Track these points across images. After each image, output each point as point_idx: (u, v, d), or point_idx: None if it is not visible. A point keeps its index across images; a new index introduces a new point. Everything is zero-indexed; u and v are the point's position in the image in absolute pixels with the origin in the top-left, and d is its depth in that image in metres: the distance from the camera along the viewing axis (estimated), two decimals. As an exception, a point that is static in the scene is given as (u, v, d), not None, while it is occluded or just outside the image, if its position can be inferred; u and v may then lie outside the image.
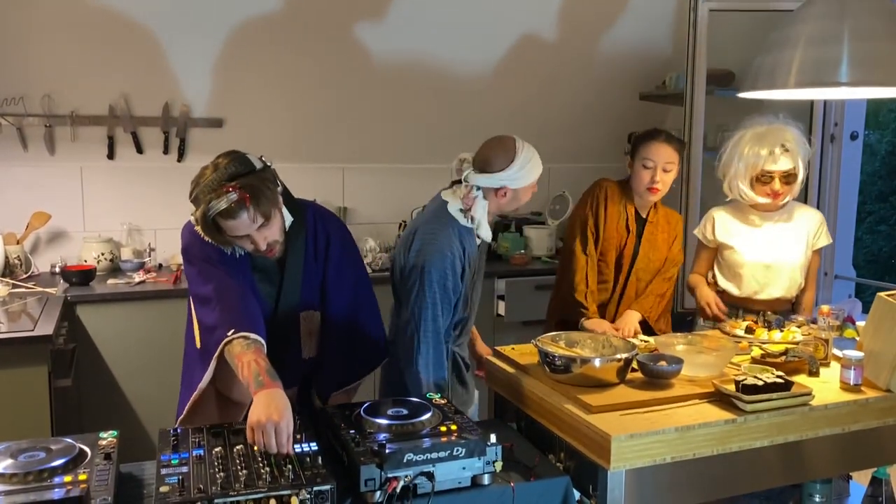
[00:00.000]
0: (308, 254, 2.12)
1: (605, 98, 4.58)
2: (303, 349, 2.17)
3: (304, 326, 2.15)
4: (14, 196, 3.68)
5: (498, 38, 4.39)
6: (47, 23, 3.66)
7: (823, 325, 2.24)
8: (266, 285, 2.10)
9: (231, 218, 1.87)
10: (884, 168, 11.99)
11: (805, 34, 2.28)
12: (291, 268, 2.10)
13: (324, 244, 2.14)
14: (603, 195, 2.84)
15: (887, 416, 1.98)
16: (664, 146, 2.72)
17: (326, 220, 2.18)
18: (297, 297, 2.12)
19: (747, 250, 2.79)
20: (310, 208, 2.17)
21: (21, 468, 1.53)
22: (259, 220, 1.91)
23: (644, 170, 2.73)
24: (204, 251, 2.00)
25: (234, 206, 1.86)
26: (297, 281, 2.11)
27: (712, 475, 1.84)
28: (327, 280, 2.14)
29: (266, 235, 1.95)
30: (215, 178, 1.88)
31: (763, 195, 2.72)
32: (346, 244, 2.20)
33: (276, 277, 2.10)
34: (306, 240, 2.12)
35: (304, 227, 2.12)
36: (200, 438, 1.71)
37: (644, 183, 2.74)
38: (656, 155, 2.71)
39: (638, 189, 2.79)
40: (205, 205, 1.88)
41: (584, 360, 1.95)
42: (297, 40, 4.04)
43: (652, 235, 2.85)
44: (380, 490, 1.57)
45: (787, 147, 2.66)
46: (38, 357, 2.64)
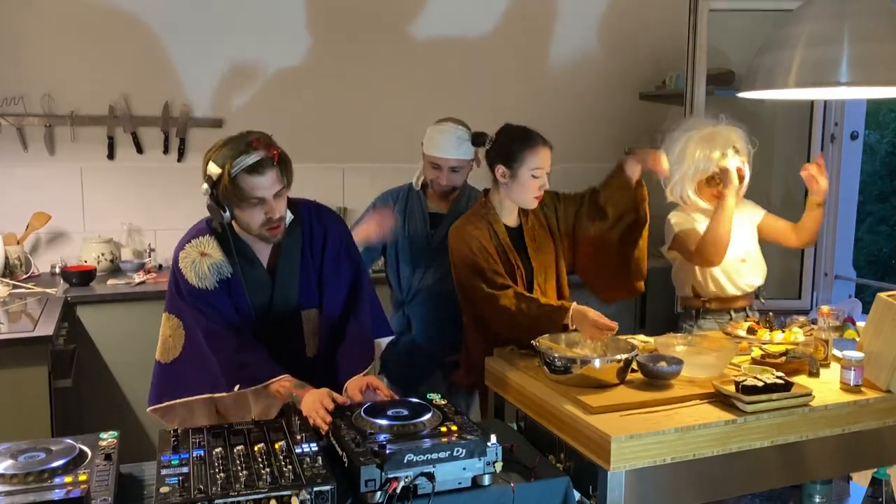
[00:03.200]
0: (304, 252, 2.12)
1: (605, 98, 4.58)
2: (307, 347, 2.16)
3: (307, 326, 2.14)
4: (14, 196, 3.68)
5: (498, 38, 4.39)
6: (47, 23, 3.66)
7: (823, 326, 2.24)
8: (258, 292, 2.09)
9: (258, 174, 1.90)
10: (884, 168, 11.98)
11: (805, 34, 2.28)
12: (287, 266, 2.11)
13: (320, 240, 2.14)
14: (477, 243, 2.42)
15: (887, 417, 1.98)
16: (546, 148, 2.45)
17: (323, 217, 2.18)
18: (294, 295, 2.12)
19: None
20: (306, 206, 2.18)
21: (21, 469, 1.53)
22: (280, 184, 1.95)
23: (533, 180, 2.43)
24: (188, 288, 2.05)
25: (263, 160, 1.90)
26: (295, 280, 2.11)
27: (712, 476, 1.84)
28: (323, 275, 2.14)
29: (280, 208, 1.98)
30: (242, 137, 1.94)
31: (710, 198, 2.77)
32: (343, 239, 2.20)
33: (268, 283, 2.10)
34: (303, 237, 2.12)
35: (301, 225, 2.13)
36: (201, 439, 1.71)
37: (532, 193, 2.45)
38: (545, 162, 2.44)
39: (524, 199, 2.47)
40: (232, 160, 1.90)
41: (584, 361, 1.95)
42: (298, 41, 4.04)
43: (535, 240, 2.54)
44: (380, 491, 1.57)
45: (738, 148, 2.72)
46: (39, 357, 2.64)
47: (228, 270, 2.06)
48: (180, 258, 2.07)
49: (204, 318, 2.04)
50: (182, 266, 2.06)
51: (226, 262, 2.06)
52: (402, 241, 2.77)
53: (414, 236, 2.76)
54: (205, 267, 2.05)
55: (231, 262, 2.06)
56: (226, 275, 2.06)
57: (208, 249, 2.06)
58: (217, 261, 2.05)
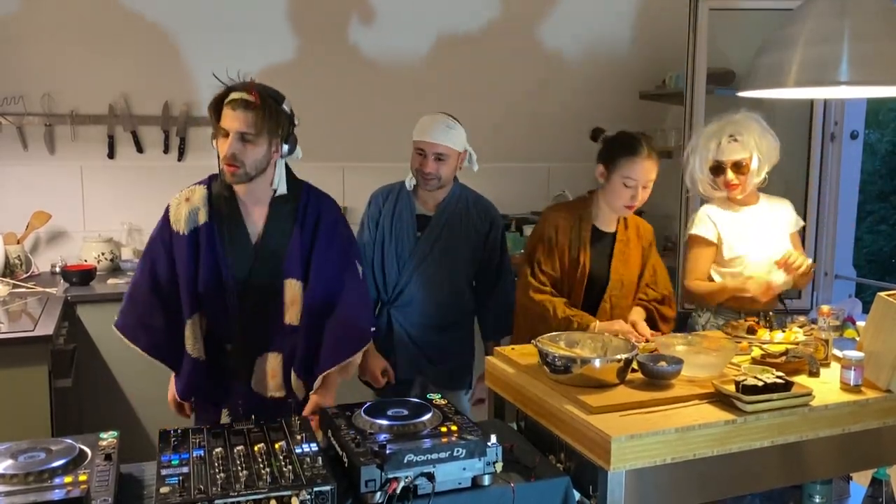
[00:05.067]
0: (296, 224, 2.17)
1: (605, 97, 4.58)
2: (286, 314, 2.18)
3: (288, 294, 2.17)
4: (14, 196, 3.68)
5: (498, 38, 4.39)
6: (47, 22, 3.66)
7: (823, 326, 2.24)
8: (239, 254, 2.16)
9: (233, 109, 2.03)
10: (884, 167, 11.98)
11: (805, 33, 2.28)
12: (276, 233, 2.16)
13: (313, 219, 2.19)
14: (553, 231, 2.56)
15: (887, 417, 1.98)
16: (647, 163, 2.47)
17: (320, 200, 2.24)
18: (279, 263, 2.16)
19: (742, 244, 2.78)
20: (307, 186, 2.25)
21: (21, 469, 1.53)
22: (251, 129, 2.03)
23: (624, 188, 2.48)
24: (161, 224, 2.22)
25: (244, 101, 2.03)
26: (282, 248, 2.16)
27: (712, 476, 1.84)
28: (313, 255, 2.17)
29: (242, 151, 2.05)
30: (250, 81, 2.10)
31: (721, 186, 2.77)
32: (337, 225, 2.22)
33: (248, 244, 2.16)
34: (296, 211, 2.18)
35: (297, 200, 2.19)
36: (201, 439, 1.71)
37: (623, 201, 2.51)
38: (640, 173, 2.47)
39: (613, 205, 2.55)
40: (226, 89, 2.07)
41: (584, 361, 1.95)
42: (298, 40, 4.04)
43: (623, 254, 2.61)
44: (380, 491, 1.57)
45: (736, 137, 2.69)
46: (39, 357, 2.65)
47: (204, 219, 2.14)
48: (172, 200, 2.22)
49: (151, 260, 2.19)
50: (171, 204, 2.20)
51: (204, 210, 2.15)
52: (389, 241, 2.76)
53: (400, 237, 2.75)
54: (183, 210, 2.16)
55: (209, 214, 2.14)
56: (199, 222, 2.14)
57: (194, 196, 2.17)
58: (195, 207, 2.15)
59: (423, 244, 2.74)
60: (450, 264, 2.75)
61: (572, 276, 2.56)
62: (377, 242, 2.78)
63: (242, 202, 2.17)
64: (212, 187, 2.19)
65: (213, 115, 2.08)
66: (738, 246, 2.78)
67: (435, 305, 2.74)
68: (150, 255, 2.20)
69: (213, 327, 2.21)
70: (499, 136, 4.33)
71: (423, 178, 2.70)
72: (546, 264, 2.55)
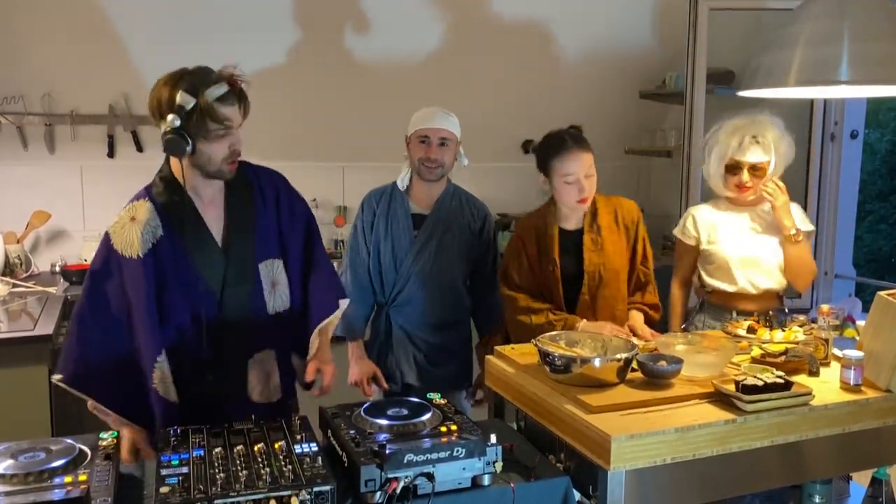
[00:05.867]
0: (257, 203, 2.08)
1: (605, 98, 4.58)
2: (268, 303, 2.07)
3: (265, 277, 2.07)
4: (14, 195, 3.68)
5: (498, 38, 4.39)
6: (47, 22, 3.66)
7: (823, 325, 2.24)
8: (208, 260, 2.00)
9: (228, 104, 1.91)
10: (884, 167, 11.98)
11: (805, 33, 2.28)
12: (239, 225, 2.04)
13: (273, 193, 2.11)
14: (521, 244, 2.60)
15: (887, 417, 1.98)
16: (578, 154, 2.45)
17: (268, 172, 2.15)
18: (249, 246, 2.05)
19: (731, 245, 2.77)
20: (251, 166, 2.13)
21: (21, 469, 1.53)
22: (241, 118, 1.96)
23: (567, 186, 2.47)
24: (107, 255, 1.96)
25: (232, 91, 1.93)
26: (248, 230, 2.05)
27: (712, 476, 1.84)
28: (282, 226, 2.11)
29: (240, 140, 1.97)
30: (203, 68, 1.97)
31: (732, 187, 2.74)
32: (291, 191, 2.17)
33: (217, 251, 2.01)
34: (252, 190, 2.08)
35: (248, 182, 2.08)
36: (201, 439, 1.71)
37: (573, 198, 2.49)
38: (574, 167, 2.45)
39: (568, 205, 2.53)
40: (203, 89, 1.90)
41: (584, 360, 1.95)
42: (298, 41, 4.04)
43: (595, 244, 2.57)
44: (380, 491, 1.57)
45: (759, 139, 2.67)
46: (38, 357, 2.65)
47: (161, 233, 1.95)
48: (111, 227, 1.98)
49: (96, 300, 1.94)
50: (111, 231, 1.97)
51: (158, 223, 1.95)
52: (385, 242, 2.76)
53: (397, 236, 2.75)
54: (132, 232, 1.94)
55: (164, 226, 1.95)
56: (157, 237, 1.94)
57: (139, 213, 1.96)
58: (146, 223, 1.94)
59: (420, 242, 2.74)
60: (446, 261, 2.75)
61: (547, 279, 2.56)
62: (373, 244, 2.77)
63: (201, 202, 2.01)
64: (154, 199, 1.98)
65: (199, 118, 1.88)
66: (720, 245, 2.78)
67: (434, 304, 2.74)
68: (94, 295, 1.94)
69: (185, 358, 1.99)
70: (498, 135, 4.33)
71: (427, 167, 2.71)
72: (520, 278, 2.59)
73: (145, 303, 1.92)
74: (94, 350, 1.93)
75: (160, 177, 2.03)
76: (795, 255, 2.71)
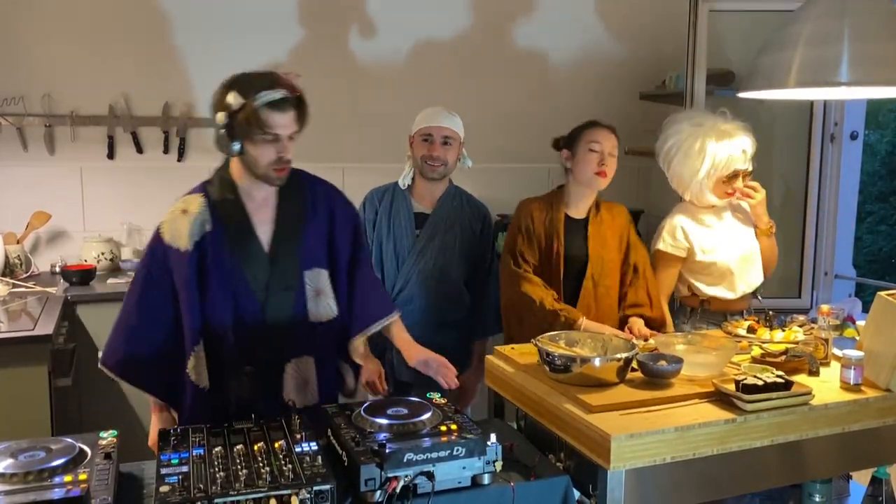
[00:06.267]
0: (307, 212, 2.09)
1: (605, 98, 4.58)
2: (310, 311, 2.08)
3: (309, 287, 2.07)
4: (14, 196, 3.68)
5: (498, 38, 4.39)
6: (47, 22, 3.66)
7: (823, 325, 2.24)
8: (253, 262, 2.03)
9: (279, 110, 1.92)
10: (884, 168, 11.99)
11: (805, 34, 2.28)
12: (287, 231, 2.06)
13: (326, 204, 2.12)
14: (529, 220, 2.65)
15: (887, 416, 1.98)
16: (608, 132, 2.62)
17: (323, 183, 2.19)
18: (296, 254, 2.06)
19: (727, 250, 2.78)
20: (307, 176, 2.17)
21: (21, 468, 1.53)
22: (296, 126, 1.98)
23: (591, 153, 2.57)
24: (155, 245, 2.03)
25: (287, 98, 1.93)
26: (296, 238, 2.06)
27: (712, 475, 1.84)
28: (335, 239, 2.11)
29: (289, 148, 1.98)
30: (267, 73, 1.96)
31: (723, 195, 2.76)
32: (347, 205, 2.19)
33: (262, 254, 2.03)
34: (303, 196, 2.10)
35: (302, 191, 2.11)
36: (200, 438, 1.71)
37: (592, 167, 2.57)
38: (603, 137, 2.59)
39: (584, 176, 2.60)
40: (255, 92, 1.90)
41: (584, 360, 1.95)
42: (298, 41, 4.04)
43: (598, 234, 2.66)
44: (380, 490, 1.57)
45: (746, 152, 2.74)
46: (38, 357, 2.64)
47: (210, 227, 1.99)
48: (163, 217, 2.05)
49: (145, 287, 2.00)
50: (162, 222, 2.04)
51: (208, 218, 2.00)
52: (387, 240, 2.76)
53: (399, 235, 2.76)
54: (183, 224, 1.99)
55: (214, 221, 2.00)
56: (205, 231, 1.98)
57: (191, 206, 2.01)
58: (197, 216, 1.99)
59: (421, 241, 2.75)
60: (448, 261, 2.75)
61: (549, 263, 2.63)
62: (375, 243, 2.78)
63: (253, 204, 2.04)
64: (209, 194, 2.04)
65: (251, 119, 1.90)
66: (711, 253, 2.79)
67: (435, 303, 2.74)
68: (144, 282, 2.01)
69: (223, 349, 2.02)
70: (499, 136, 4.33)
71: (429, 165, 2.72)
72: (527, 253, 2.62)
73: (188, 293, 1.97)
74: (138, 339, 1.99)
75: (219, 174, 2.06)
76: (769, 246, 2.84)
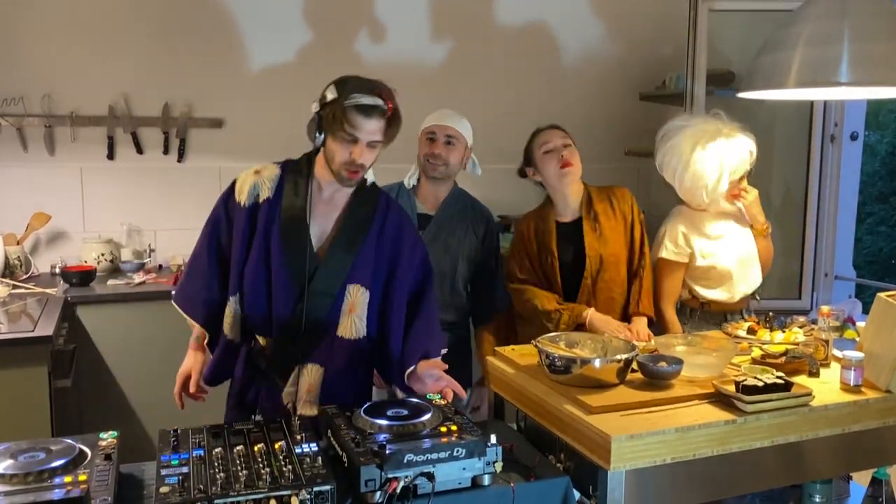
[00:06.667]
0: (373, 230, 2.10)
1: (605, 98, 4.59)
2: (340, 324, 2.06)
3: (348, 300, 2.06)
4: (14, 196, 3.68)
5: (498, 38, 4.39)
6: (47, 23, 3.66)
7: (823, 326, 2.24)
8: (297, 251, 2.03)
9: (365, 115, 1.94)
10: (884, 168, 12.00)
11: (805, 34, 2.28)
12: (346, 238, 2.07)
13: (394, 229, 2.13)
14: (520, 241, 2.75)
15: (887, 417, 1.98)
16: (552, 130, 2.69)
17: (399, 208, 2.21)
18: (347, 264, 2.05)
19: (726, 254, 2.78)
20: (386, 195, 2.20)
21: (21, 469, 1.53)
22: (379, 136, 1.98)
23: (546, 155, 2.64)
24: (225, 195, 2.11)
25: (377, 106, 1.95)
26: (352, 250, 2.06)
27: (712, 476, 1.84)
28: (395, 264, 2.11)
29: (367, 157, 1.99)
30: (371, 80, 2.00)
31: (730, 197, 2.76)
32: (416, 235, 2.20)
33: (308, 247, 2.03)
34: (374, 216, 2.11)
35: (375, 206, 2.12)
36: (200, 439, 1.71)
37: (554, 166, 2.63)
38: (550, 137, 2.67)
39: (553, 179, 2.66)
40: (349, 92, 1.94)
41: (584, 361, 1.95)
42: (299, 41, 4.04)
43: (595, 230, 2.67)
44: (380, 490, 1.57)
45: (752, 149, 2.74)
46: (38, 357, 2.64)
47: (267, 195, 2.05)
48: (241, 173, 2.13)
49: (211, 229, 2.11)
50: (238, 175, 2.12)
51: (269, 187, 2.06)
52: None
53: None
54: (249, 181, 2.07)
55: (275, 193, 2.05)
56: (261, 198, 2.05)
57: (265, 171, 2.09)
58: (262, 180, 2.06)
59: (424, 242, 2.73)
60: (449, 263, 2.75)
61: (547, 270, 2.69)
62: None
63: (320, 196, 2.07)
64: (286, 170, 2.09)
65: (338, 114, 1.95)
66: (710, 258, 2.78)
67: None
68: (211, 224, 2.11)
69: (251, 315, 2.07)
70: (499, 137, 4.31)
71: (430, 164, 2.72)
72: (522, 272, 2.73)
73: (236, 244, 2.06)
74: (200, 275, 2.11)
75: (305, 156, 2.12)
76: (764, 246, 2.83)
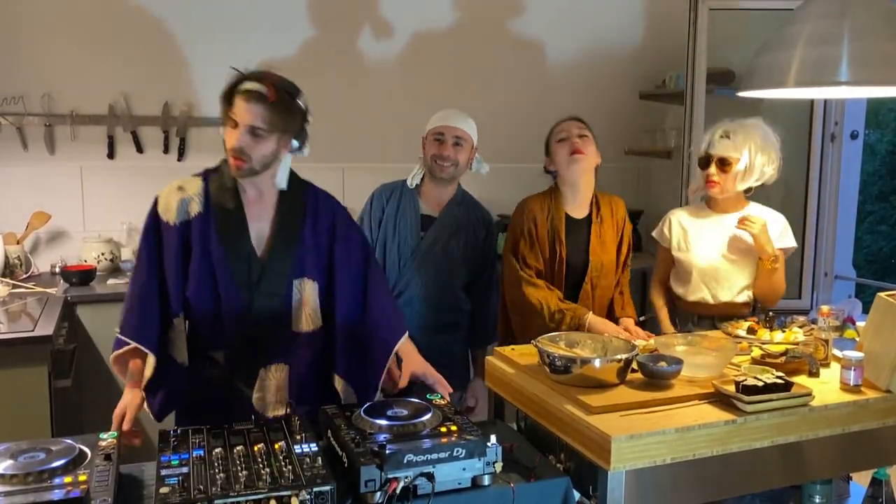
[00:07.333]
0: (307, 223, 2.10)
1: (605, 98, 4.58)
2: (293, 322, 2.08)
3: (296, 294, 2.08)
4: (14, 196, 3.68)
5: (498, 38, 4.39)
6: (47, 22, 3.66)
7: (823, 326, 2.24)
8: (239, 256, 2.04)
9: (246, 101, 1.95)
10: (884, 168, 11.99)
11: (805, 33, 2.28)
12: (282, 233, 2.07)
13: (328, 220, 2.13)
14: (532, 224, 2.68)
15: (887, 417, 1.98)
16: (570, 121, 2.72)
17: (330, 199, 2.19)
18: (288, 261, 2.07)
19: (697, 254, 2.75)
20: (312, 187, 2.20)
21: (21, 469, 1.53)
22: (262, 124, 1.96)
23: (560, 143, 2.66)
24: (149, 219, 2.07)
25: (258, 94, 1.95)
26: (291, 245, 2.07)
27: (712, 476, 1.84)
28: (335, 256, 2.11)
29: (251, 145, 1.97)
30: (263, 71, 2.02)
31: (703, 183, 2.74)
32: (351, 224, 2.20)
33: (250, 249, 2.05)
34: (305, 211, 2.11)
35: (304, 200, 2.12)
36: (200, 439, 1.71)
37: (566, 153, 2.64)
38: (566, 127, 2.69)
39: (563, 166, 2.66)
40: (238, 77, 1.98)
41: (584, 361, 1.95)
42: (298, 40, 4.04)
43: (599, 237, 2.70)
44: (380, 491, 1.57)
45: (730, 135, 2.67)
46: (38, 357, 2.64)
47: (198, 210, 2.03)
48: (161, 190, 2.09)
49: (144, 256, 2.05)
50: (159, 194, 2.09)
51: (198, 202, 2.03)
52: (392, 240, 2.76)
53: (403, 235, 2.75)
54: (174, 199, 2.04)
55: (206, 206, 2.03)
56: (192, 214, 2.02)
57: (188, 186, 2.06)
58: (188, 196, 2.04)
59: (426, 244, 2.74)
60: (449, 265, 2.75)
61: (552, 265, 2.67)
62: (379, 241, 2.78)
63: (246, 197, 2.06)
64: (209, 181, 2.08)
65: (225, 102, 1.98)
66: (683, 252, 2.77)
67: (434, 306, 2.74)
68: (146, 249, 2.06)
69: (200, 332, 2.07)
70: (499, 136, 4.32)
71: (439, 164, 2.72)
72: (530, 258, 2.66)
73: (170, 265, 2.02)
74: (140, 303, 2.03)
75: (224, 161, 2.09)
76: (768, 280, 2.71)
